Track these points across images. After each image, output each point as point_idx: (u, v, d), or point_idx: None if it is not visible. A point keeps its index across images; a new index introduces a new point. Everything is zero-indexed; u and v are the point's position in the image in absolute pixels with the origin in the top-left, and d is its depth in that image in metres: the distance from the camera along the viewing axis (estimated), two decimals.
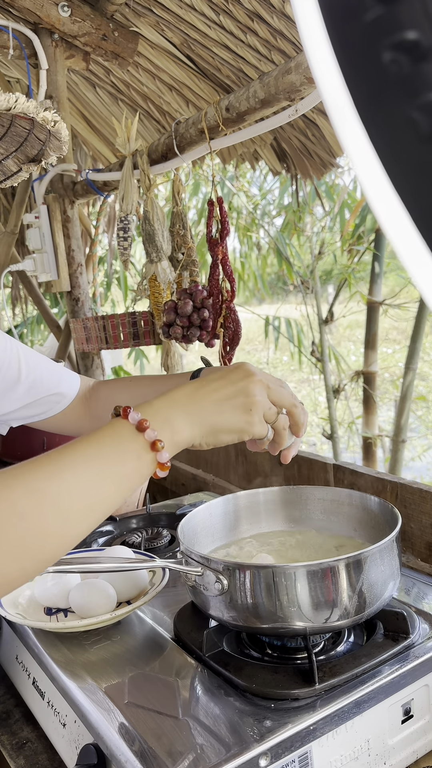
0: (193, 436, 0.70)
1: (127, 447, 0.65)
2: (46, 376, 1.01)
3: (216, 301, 1.39)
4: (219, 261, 1.36)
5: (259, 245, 4.50)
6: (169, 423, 0.68)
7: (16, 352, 0.98)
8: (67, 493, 0.59)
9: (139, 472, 0.66)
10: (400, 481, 1.17)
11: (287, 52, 1.66)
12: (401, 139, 0.24)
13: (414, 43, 0.23)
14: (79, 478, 0.61)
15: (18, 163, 0.77)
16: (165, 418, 0.68)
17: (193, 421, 0.70)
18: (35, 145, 0.74)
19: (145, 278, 1.55)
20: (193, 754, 0.68)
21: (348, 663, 0.79)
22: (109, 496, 0.63)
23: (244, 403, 0.73)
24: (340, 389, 3.70)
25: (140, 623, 0.97)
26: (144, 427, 0.66)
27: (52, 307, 3.66)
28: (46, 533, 0.58)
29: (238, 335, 1.40)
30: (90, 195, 1.88)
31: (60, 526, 0.58)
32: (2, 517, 0.55)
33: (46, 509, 0.58)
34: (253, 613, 0.79)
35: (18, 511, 0.56)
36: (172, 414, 0.69)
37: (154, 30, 1.87)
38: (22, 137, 0.73)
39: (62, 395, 1.04)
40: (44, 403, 1.02)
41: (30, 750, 0.89)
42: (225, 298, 1.38)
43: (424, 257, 0.25)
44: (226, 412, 0.72)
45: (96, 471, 0.62)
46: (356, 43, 0.24)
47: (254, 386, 0.74)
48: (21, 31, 1.86)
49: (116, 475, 0.64)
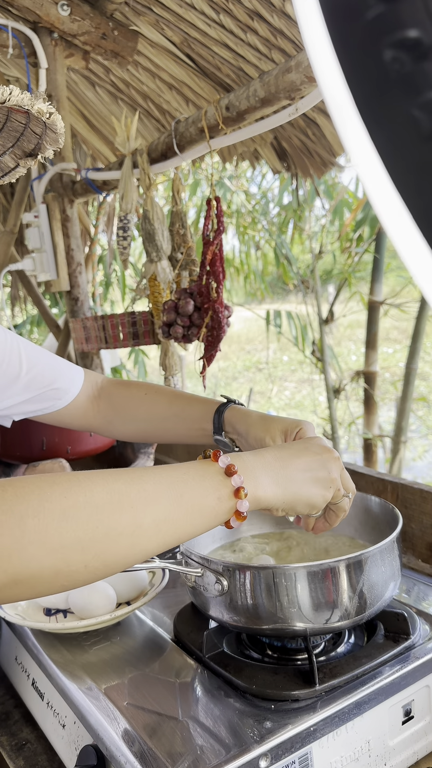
0: (276, 497, 0.70)
1: (212, 484, 0.66)
2: (47, 371, 1.00)
3: (204, 300, 1.38)
4: (208, 261, 1.35)
5: (258, 244, 4.50)
6: (255, 478, 0.69)
7: (17, 346, 0.97)
8: (144, 502, 0.60)
9: (215, 513, 0.65)
10: (401, 482, 1.17)
11: (287, 50, 1.66)
12: (402, 137, 0.24)
13: (415, 41, 0.23)
14: (159, 493, 0.61)
15: (15, 159, 0.77)
16: (252, 472, 0.69)
17: (278, 484, 0.71)
18: (32, 139, 0.74)
19: (145, 278, 1.55)
20: (192, 756, 0.68)
21: (348, 664, 0.79)
22: (182, 525, 0.63)
23: (326, 478, 0.74)
24: (340, 389, 3.70)
25: (140, 624, 0.97)
26: (232, 472, 0.66)
27: (52, 307, 3.66)
28: (117, 533, 0.57)
29: (219, 337, 1.39)
30: (89, 194, 1.88)
31: (131, 531, 0.58)
32: (78, 506, 0.56)
33: (122, 509, 0.58)
34: (254, 614, 0.79)
35: (94, 503, 0.57)
36: (261, 472, 0.70)
37: (153, 29, 1.87)
38: (18, 131, 0.73)
39: (62, 391, 1.02)
40: (44, 398, 1.01)
41: (29, 751, 0.89)
42: (213, 298, 1.38)
43: (425, 255, 0.25)
44: (309, 484, 0.73)
45: (176, 494, 0.62)
46: (357, 41, 0.24)
47: (335, 464, 0.76)
48: (20, 30, 1.86)
49: (194, 506, 0.64)
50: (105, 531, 0.57)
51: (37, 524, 0.53)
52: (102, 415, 1.06)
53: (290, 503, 0.72)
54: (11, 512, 0.53)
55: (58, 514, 0.54)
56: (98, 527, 0.56)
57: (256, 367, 8.80)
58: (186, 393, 1.04)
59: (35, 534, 0.53)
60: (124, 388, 1.07)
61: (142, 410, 1.04)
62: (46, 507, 0.54)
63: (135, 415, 1.05)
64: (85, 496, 0.57)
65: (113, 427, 1.07)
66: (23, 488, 0.55)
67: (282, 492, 0.71)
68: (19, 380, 0.97)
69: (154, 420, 1.03)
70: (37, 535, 0.53)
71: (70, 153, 1.97)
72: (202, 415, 0.98)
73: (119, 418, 1.05)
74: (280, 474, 0.71)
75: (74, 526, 0.55)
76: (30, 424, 1.54)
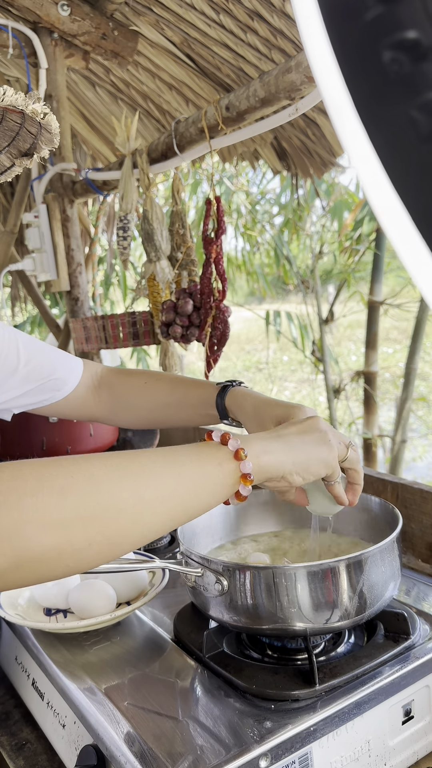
0: (283, 462, 0.71)
1: (209, 452, 0.66)
2: (45, 363, 1.00)
3: (207, 300, 1.39)
4: (212, 260, 1.35)
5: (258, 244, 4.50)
6: (253, 447, 0.69)
7: (14, 339, 0.97)
8: (144, 475, 0.60)
9: (219, 481, 0.65)
10: (401, 482, 1.17)
11: (287, 51, 1.66)
12: (401, 138, 0.24)
13: (414, 42, 0.23)
14: (159, 467, 0.61)
15: (11, 158, 0.77)
16: (249, 441, 0.69)
17: (281, 450, 0.71)
18: (27, 139, 0.75)
19: (144, 278, 1.55)
20: (192, 756, 0.68)
21: (348, 664, 0.79)
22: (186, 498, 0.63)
23: (321, 437, 0.75)
24: (340, 389, 3.70)
25: (140, 624, 0.97)
26: (227, 439, 0.67)
27: (52, 307, 3.66)
28: (118, 507, 0.57)
29: (225, 336, 1.40)
30: (89, 194, 1.88)
31: (132, 504, 0.58)
32: (77, 482, 0.55)
33: (122, 482, 0.58)
34: (254, 614, 0.79)
35: (94, 479, 0.57)
36: (257, 442, 0.70)
37: (153, 29, 1.87)
38: (14, 131, 0.73)
39: (61, 381, 1.02)
40: (43, 390, 1.01)
41: (29, 751, 0.89)
42: (216, 298, 1.38)
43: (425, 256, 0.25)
44: (311, 445, 0.74)
45: (176, 467, 0.62)
46: (356, 42, 0.24)
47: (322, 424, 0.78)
48: (20, 30, 1.86)
49: (195, 477, 0.64)
50: (105, 506, 0.56)
51: (36, 503, 0.52)
52: (103, 405, 1.07)
53: (302, 464, 0.72)
54: (9, 492, 0.52)
55: (57, 492, 0.54)
56: (99, 502, 0.56)
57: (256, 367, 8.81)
58: (186, 378, 1.05)
59: (34, 513, 0.52)
60: (124, 377, 1.08)
61: (143, 399, 1.04)
62: (44, 485, 0.54)
63: (137, 403, 1.05)
64: (84, 473, 0.57)
65: (115, 415, 1.08)
66: (21, 470, 0.54)
67: (286, 456, 0.71)
68: (17, 372, 0.97)
69: (157, 408, 1.04)
70: (36, 514, 0.52)
71: (70, 153, 1.97)
72: (204, 400, 0.99)
73: (121, 406, 1.06)
74: (278, 441, 0.72)
75: (74, 502, 0.54)
76: (30, 424, 1.54)
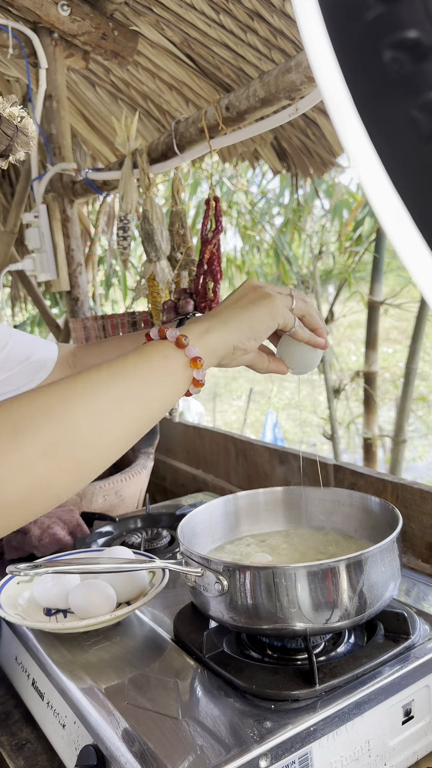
0: (226, 332, 0.70)
1: (152, 350, 0.66)
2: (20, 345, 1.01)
3: (201, 300, 1.38)
4: (206, 260, 1.35)
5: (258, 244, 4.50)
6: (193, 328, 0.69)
7: None
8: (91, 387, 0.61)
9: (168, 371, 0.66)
10: (401, 482, 1.17)
11: (287, 51, 1.66)
12: (402, 138, 0.24)
13: (415, 41, 0.23)
14: (104, 376, 0.62)
15: None
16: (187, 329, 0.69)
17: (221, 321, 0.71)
18: (3, 141, 0.76)
19: (144, 278, 1.55)
20: (192, 756, 0.68)
21: (348, 664, 0.79)
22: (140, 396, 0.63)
23: (257, 294, 0.75)
24: (340, 389, 3.70)
25: (140, 624, 0.97)
26: (165, 332, 0.67)
27: (52, 307, 3.66)
28: (74, 426, 0.58)
29: None
30: (89, 194, 1.88)
31: (87, 418, 0.59)
32: (32, 415, 0.56)
33: (73, 401, 0.59)
34: (254, 614, 0.79)
35: (45, 407, 0.57)
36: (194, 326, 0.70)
37: (153, 29, 1.87)
38: None
39: (40, 363, 1.03)
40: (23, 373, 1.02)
41: (29, 751, 0.89)
42: (210, 298, 1.38)
43: (425, 256, 0.25)
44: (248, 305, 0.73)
45: (120, 371, 0.63)
46: (357, 41, 0.24)
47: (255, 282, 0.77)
48: (20, 30, 1.86)
49: (141, 374, 0.64)
50: (62, 430, 0.57)
51: None
52: None
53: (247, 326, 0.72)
54: None
55: (11, 433, 0.55)
56: (54, 429, 0.57)
57: None
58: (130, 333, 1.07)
59: None
60: (96, 348, 1.11)
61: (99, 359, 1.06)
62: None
63: None
64: (33, 405, 0.57)
65: None
66: None
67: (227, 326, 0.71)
68: None
69: None
70: None
71: (70, 153, 1.97)
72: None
73: None
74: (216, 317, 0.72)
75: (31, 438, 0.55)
76: None
